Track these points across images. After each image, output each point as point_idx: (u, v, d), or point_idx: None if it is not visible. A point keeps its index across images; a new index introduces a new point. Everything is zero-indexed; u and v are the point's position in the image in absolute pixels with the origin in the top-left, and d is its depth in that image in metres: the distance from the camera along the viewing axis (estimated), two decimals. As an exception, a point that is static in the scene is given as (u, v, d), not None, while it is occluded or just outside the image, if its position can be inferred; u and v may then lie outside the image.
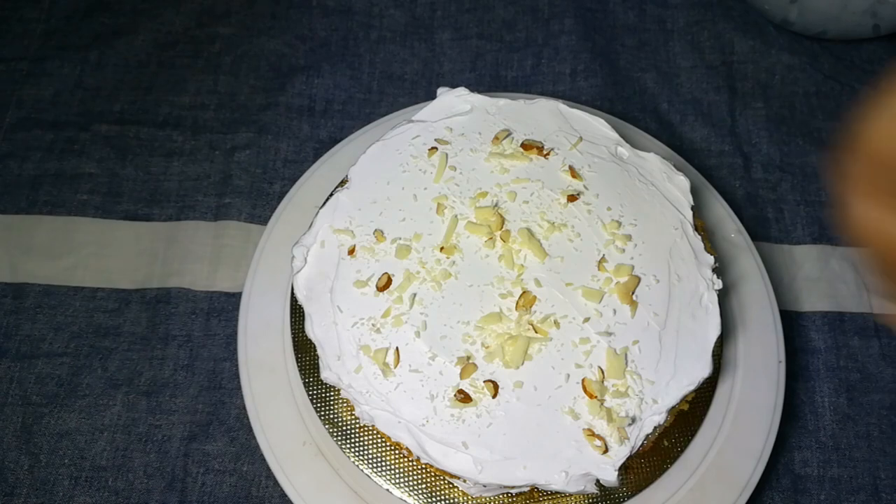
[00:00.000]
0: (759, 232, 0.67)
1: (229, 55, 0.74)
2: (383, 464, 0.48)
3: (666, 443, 0.49)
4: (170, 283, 0.61)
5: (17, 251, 0.62)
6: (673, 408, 0.45)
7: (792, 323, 0.62)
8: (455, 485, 0.47)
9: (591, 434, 0.43)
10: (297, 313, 0.53)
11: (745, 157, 0.71)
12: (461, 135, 0.53)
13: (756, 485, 0.49)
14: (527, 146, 0.53)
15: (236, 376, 0.53)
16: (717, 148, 0.71)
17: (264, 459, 0.50)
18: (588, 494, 0.46)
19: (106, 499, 0.53)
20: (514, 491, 0.45)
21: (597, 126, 0.55)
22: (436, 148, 0.52)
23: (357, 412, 0.45)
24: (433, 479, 0.47)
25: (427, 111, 0.55)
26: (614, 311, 0.47)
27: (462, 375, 0.44)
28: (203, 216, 0.65)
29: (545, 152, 0.53)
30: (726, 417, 0.51)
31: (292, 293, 0.52)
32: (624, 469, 0.43)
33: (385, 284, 0.47)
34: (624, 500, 0.48)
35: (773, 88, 0.75)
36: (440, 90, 0.56)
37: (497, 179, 0.51)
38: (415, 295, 0.47)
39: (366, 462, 0.48)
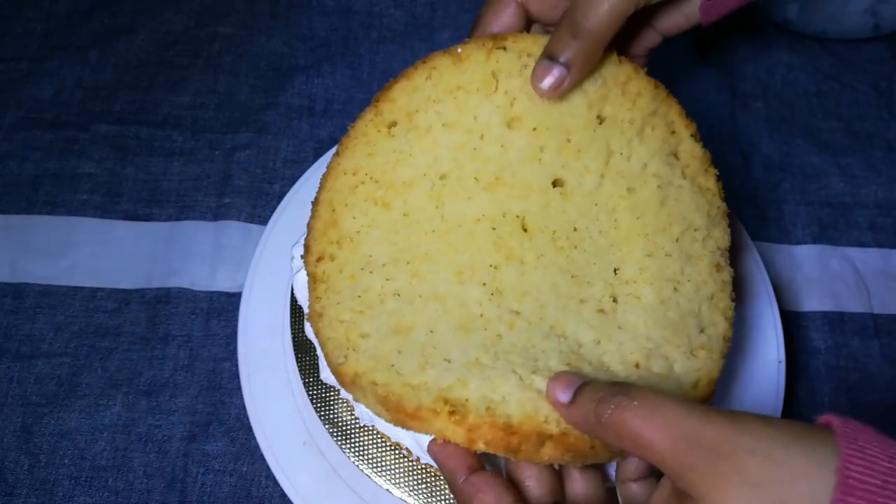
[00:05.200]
0: (758, 232, 0.66)
1: (229, 55, 0.74)
2: (383, 464, 0.48)
3: (666, 443, 0.49)
4: (170, 283, 0.61)
5: (16, 251, 0.62)
6: (673, 408, 0.45)
7: (792, 323, 0.62)
8: (455, 485, 0.47)
9: (591, 434, 0.43)
10: (297, 313, 0.53)
11: (745, 157, 0.71)
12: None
13: (756, 485, 0.49)
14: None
15: (236, 376, 0.53)
16: (717, 148, 0.71)
17: (264, 459, 0.50)
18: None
19: (106, 499, 0.53)
20: (514, 491, 0.45)
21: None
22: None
23: (357, 412, 0.45)
24: (433, 479, 0.47)
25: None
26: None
27: (462, 375, 0.44)
28: (203, 216, 0.65)
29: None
30: (726, 417, 0.51)
31: (292, 293, 0.52)
32: (624, 469, 0.43)
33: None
34: (624, 500, 0.48)
35: (773, 88, 0.75)
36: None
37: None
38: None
39: (366, 462, 0.48)
